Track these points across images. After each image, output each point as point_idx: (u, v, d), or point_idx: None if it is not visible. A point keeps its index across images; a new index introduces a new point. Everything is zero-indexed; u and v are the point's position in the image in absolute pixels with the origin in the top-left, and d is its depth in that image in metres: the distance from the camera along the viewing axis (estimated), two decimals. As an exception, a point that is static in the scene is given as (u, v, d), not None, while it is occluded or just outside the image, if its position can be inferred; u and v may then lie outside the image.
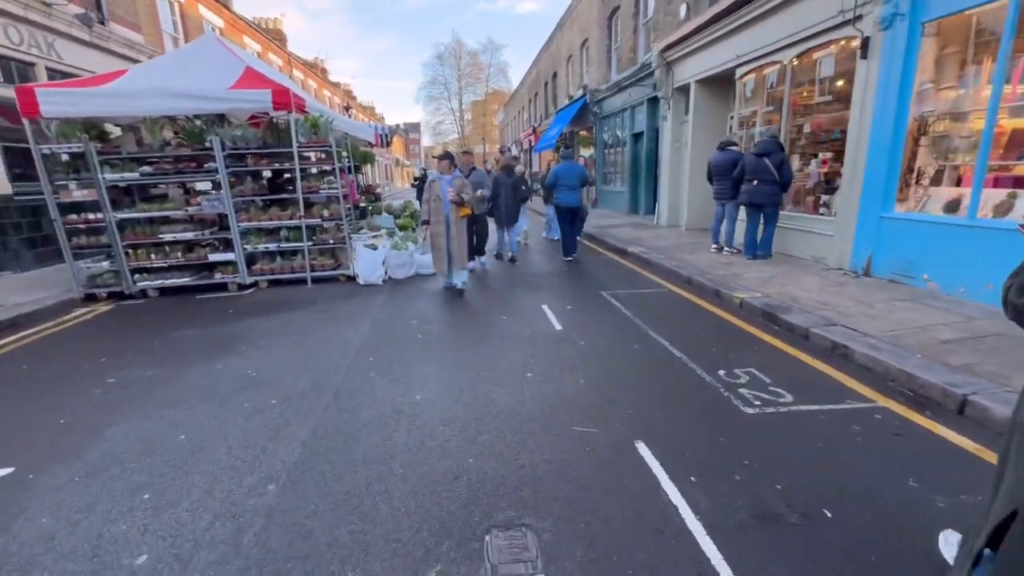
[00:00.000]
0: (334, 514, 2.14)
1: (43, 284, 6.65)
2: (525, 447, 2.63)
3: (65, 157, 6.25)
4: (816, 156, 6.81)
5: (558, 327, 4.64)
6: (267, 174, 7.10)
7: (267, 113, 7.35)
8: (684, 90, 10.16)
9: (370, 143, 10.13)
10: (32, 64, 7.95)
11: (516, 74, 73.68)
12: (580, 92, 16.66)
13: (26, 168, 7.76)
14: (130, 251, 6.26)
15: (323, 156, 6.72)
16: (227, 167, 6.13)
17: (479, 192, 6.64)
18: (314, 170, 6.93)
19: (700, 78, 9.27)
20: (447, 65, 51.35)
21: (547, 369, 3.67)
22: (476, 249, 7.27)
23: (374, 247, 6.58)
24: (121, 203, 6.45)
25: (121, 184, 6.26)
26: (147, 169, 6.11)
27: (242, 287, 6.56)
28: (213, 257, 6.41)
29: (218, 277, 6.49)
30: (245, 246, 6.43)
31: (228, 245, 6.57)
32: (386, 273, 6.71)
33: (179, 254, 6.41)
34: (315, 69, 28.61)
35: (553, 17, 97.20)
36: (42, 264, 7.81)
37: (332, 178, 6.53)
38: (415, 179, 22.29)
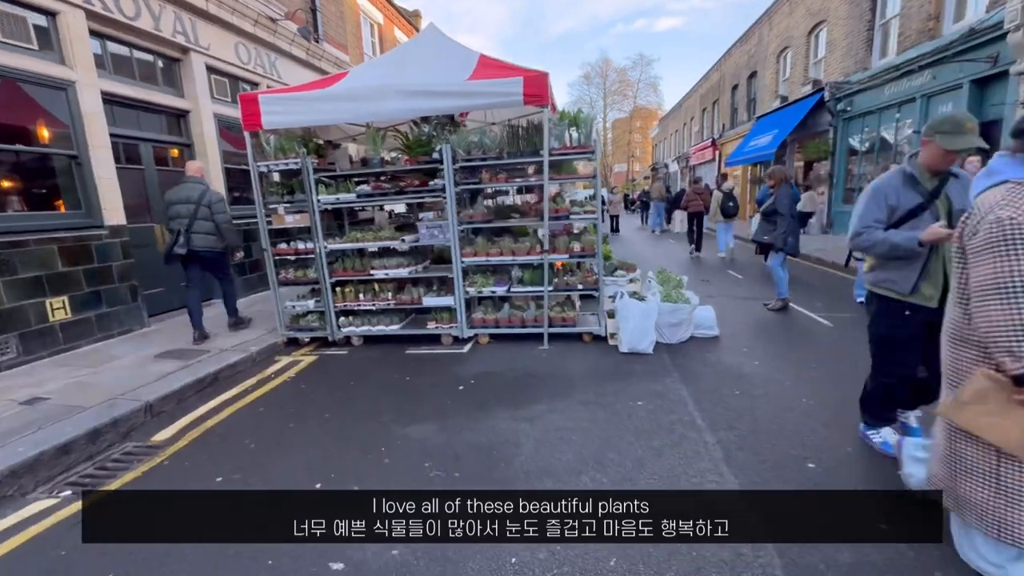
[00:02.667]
0: None
1: (247, 320, 5.87)
2: None
3: (276, 177, 5.43)
4: None
5: None
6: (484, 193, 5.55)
7: (464, 113, 5.98)
8: (1074, 58, 6.51)
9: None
10: (257, 84, 7.69)
11: (666, 87, 69.25)
12: (809, 89, 13.17)
13: (243, 191, 7.45)
14: (336, 288, 5.10)
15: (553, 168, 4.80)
16: (456, 184, 4.61)
17: None
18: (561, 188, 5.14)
19: None
20: (593, 84, 49.92)
21: None
22: None
23: (641, 298, 4.48)
24: (328, 229, 5.40)
25: (330, 208, 5.17)
26: (365, 188, 4.86)
27: (456, 340, 4.99)
28: (428, 301, 4.93)
29: (431, 326, 5.00)
30: (468, 288, 4.83)
31: (443, 285, 5.09)
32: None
33: (389, 294, 5.07)
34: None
35: (698, 31, 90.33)
36: (248, 292, 7.34)
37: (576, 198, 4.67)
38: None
